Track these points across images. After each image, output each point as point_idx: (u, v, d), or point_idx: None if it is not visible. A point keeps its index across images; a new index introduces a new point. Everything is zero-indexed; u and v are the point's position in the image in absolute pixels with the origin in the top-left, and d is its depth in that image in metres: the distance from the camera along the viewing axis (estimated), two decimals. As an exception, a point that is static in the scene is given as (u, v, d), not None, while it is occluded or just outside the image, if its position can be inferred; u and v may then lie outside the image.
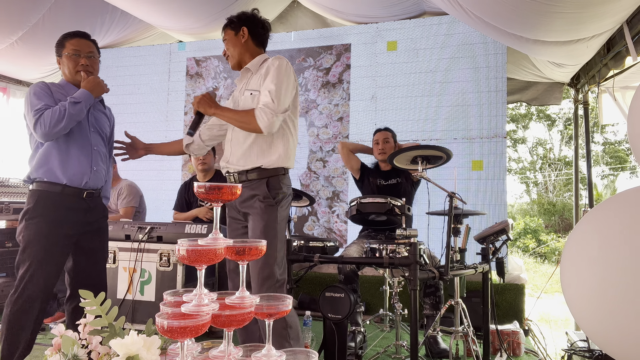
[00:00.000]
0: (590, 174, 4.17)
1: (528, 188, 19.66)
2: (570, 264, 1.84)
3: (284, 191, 2.16)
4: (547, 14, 2.74)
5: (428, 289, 3.01)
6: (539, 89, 4.83)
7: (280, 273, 2.08)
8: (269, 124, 2.03)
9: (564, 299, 1.90)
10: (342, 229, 4.42)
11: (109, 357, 1.35)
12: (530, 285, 6.92)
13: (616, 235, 1.68)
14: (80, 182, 2.26)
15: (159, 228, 3.09)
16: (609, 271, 1.64)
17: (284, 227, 2.18)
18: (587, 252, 1.77)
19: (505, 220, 2.54)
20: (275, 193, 2.12)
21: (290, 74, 2.12)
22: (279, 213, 2.13)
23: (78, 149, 2.28)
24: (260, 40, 2.31)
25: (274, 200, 2.12)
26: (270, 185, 2.13)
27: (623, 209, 1.73)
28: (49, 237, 2.19)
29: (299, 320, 2.13)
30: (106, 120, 2.57)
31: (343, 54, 4.57)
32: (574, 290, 1.79)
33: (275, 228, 2.10)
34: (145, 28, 5.02)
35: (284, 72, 2.09)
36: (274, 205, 2.12)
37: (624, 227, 1.66)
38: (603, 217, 1.80)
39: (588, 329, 1.81)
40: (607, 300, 1.62)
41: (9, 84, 5.25)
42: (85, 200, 2.30)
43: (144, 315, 3.02)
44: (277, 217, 2.12)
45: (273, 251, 2.06)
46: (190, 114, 4.99)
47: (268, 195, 2.11)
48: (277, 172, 2.15)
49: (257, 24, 2.30)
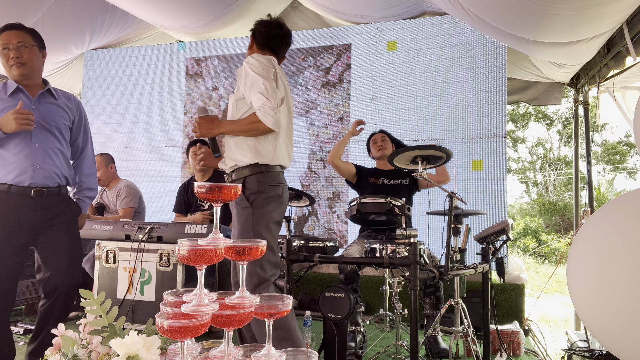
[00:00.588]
0: (590, 173, 4.17)
1: (528, 188, 19.66)
2: (576, 263, 1.84)
3: (261, 190, 2.08)
4: (547, 15, 2.74)
5: (428, 289, 3.01)
6: (539, 89, 4.83)
7: (262, 273, 2.05)
8: (275, 120, 2.02)
9: (570, 298, 1.90)
10: (343, 229, 4.42)
11: (109, 357, 1.35)
12: (530, 285, 6.92)
13: (622, 234, 1.68)
14: (24, 181, 2.19)
15: (159, 228, 3.09)
16: (615, 270, 1.64)
17: (269, 228, 2.11)
18: (593, 252, 1.77)
19: (506, 220, 2.53)
20: (249, 194, 2.08)
21: (265, 66, 2.09)
22: (256, 215, 2.07)
23: (16, 147, 2.20)
24: (264, 42, 2.29)
25: (248, 202, 2.07)
26: (246, 185, 2.10)
27: (629, 209, 1.74)
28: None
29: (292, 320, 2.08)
30: (61, 111, 2.38)
31: (343, 53, 4.56)
32: (580, 289, 1.80)
33: (253, 234, 2.05)
34: (145, 28, 5.02)
35: (260, 68, 2.08)
36: (249, 207, 2.08)
37: (630, 226, 1.66)
38: (609, 217, 1.80)
39: (594, 328, 1.81)
40: (613, 300, 1.62)
41: (9, 83, 5.25)
42: (35, 199, 2.22)
43: (144, 315, 3.02)
44: (254, 221, 2.06)
45: None
46: (190, 114, 4.99)
47: (242, 197, 2.09)
48: (254, 171, 2.10)
49: (259, 28, 2.30)
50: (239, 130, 2.10)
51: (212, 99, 4.94)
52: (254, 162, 2.10)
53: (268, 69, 2.10)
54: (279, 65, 2.29)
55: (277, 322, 1.99)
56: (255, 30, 2.34)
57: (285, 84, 2.24)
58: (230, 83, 4.88)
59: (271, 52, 2.30)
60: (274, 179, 2.14)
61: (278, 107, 2.05)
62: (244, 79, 2.12)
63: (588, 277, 1.74)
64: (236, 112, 2.18)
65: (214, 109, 4.92)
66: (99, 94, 5.30)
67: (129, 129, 5.17)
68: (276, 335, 1.96)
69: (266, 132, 2.07)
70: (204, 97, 4.96)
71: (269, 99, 2.03)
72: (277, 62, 2.30)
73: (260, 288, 2.05)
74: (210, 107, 4.94)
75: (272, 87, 2.06)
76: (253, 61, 2.11)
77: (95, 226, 3.23)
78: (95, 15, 4.59)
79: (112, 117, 5.23)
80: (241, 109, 2.16)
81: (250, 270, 2.04)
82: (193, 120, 4.95)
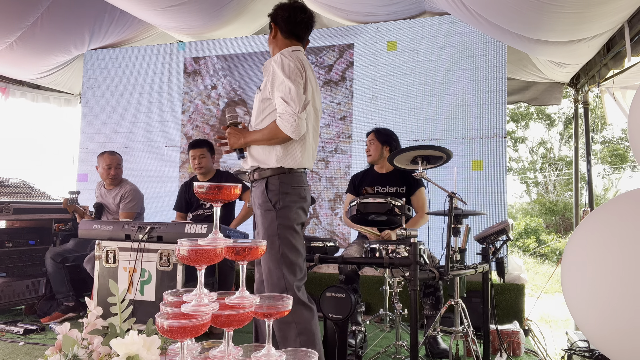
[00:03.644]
0: (590, 173, 4.17)
1: (528, 188, 19.66)
2: (571, 266, 1.84)
3: (285, 191, 2.03)
4: (549, 14, 2.73)
5: (427, 289, 3.01)
6: (539, 89, 4.83)
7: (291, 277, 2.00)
8: (294, 128, 1.96)
9: (564, 300, 1.90)
10: (345, 231, 4.40)
11: (110, 357, 1.35)
12: (530, 285, 6.92)
13: (617, 237, 1.67)
14: None
15: (159, 228, 3.09)
16: (610, 273, 1.63)
17: (295, 231, 2.06)
18: (588, 255, 1.76)
19: (506, 220, 2.53)
20: (272, 195, 2.04)
21: (292, 70, 2.00)
22: (280, 218, 2.02)
23: None
24: (288, 28, 2.15)
25: (271, 204, 2.03)
26: (268, 187, 2.05)
27: (623, 212, 1.73)
28: None
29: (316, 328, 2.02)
30: None
31: (346, 50, 4.54)
32: (575, 292, 1.79)
33: (278, 238, 2.00)
34: (145, 28, 5.02)
35: (288, 70, 1.99)
36: (272, 210, 2.03)
37: (625, 229, 1.65)
38: (604, 220, 1.80)
39: (588, 332, 1.80)
40: (608, 303, 1.62)
41: (8, 84, 5.25)
42: None
43: (144, 315, 3.01)
44: (278, 223, 2.01)
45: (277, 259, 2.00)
46: (188, 113, 4.99)
47: (266, 199, 2.04)
48: (277, 172, 2.05)
49: (281, 12, 2.15)
50: (262, 140, 2.06)
51: (210, 98, 4.93)
52: (278, 166, 2.06)
53: (296, 71, 2.01)
54: (304, 54, 2.18)
55: (301, 328, 1.95)
56: (276, 16, 2.18)
57: (313, 85, 2.14)
58: (230, 81, 4.88)
59: (297, 40, 2.18)
60: (297, 180, 2.09)
61: (299, 113, 1.96)
62: (272, 78, 2.04)
63: (582, 278, 1.74)
64: (261, 112, 2.12)
65: (212, 108, 4.91)
66: (99, 94, 5.30)
67: (129, 129, 5.17)
68: (299, 341, 1.93)
69: (286, 140, 2.02)
70: (202, 96, 4.95)
71: (289, 104, 1.96)
72: (303, 47, 2.20)
73: (289, 292, 1.98)
74: (208, 106, 4.94)
75: (297, 91, 1.97)
76: (281, 61, 2.02)
77: (95, 226, 3.23)
78: (93, 15, 4.59)
79: (112, 117, 5.23)
80: (266, 108, 2.10)
81: (278, 274, 2.00)
82: (191, 119, 4.95)
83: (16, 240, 3.88)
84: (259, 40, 4.82)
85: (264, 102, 2.10)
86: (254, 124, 2.16)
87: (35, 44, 4.50)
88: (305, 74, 2.05)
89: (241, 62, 4.85)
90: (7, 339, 3.07)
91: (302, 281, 2.06)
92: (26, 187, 4.08)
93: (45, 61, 4.91)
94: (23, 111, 5.68)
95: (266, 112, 2.10)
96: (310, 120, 2.11)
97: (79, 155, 5.32)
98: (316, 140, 2.23)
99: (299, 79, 2.00)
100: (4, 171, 6.10)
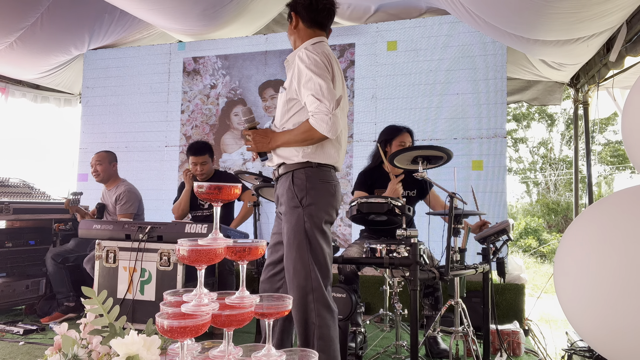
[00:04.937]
0: (590, 173, 4.17)
1: (528, 188, 19.66)
2: (563, 265, 1.83)
3: (312, 187, 1.91)
4: (546, 15, 2.74)
5: (427, 289, 3.01)
6: (539, 89, 4.83)
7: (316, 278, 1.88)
8: (329, 127, 1.83)
9: (558, 300, 1.89)
10: (347, 232, 4.39)
11: (109, 357, 1.35)
12: (531, 285, 6.92)
13: (610, 235, 1.67)
14: None
15: (159, 228, 3.09)
16: (603, 272, 1.63)
17: (323, 230, 1.94)
18: (581, 254, 1.76)
19: (506, 220, 2.53)
20: (298, 190, 1.91)
21: (319, 65, 1.89)
22: (308, 215, 1.90)
23: None
24: (312, 16, 2.02)
25: (297, 199, 1.90)
26: (294, 181, 1.92)
27: (617, 210, 1.73)
28: None
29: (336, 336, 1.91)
30: None
31: (347, 49, 4.54)
32: (568, 292, 1.79)
33: (306, 237, 1.89)
34: (145, 28, 5.02)
35: (314, 66, 1.88)
36: (299, 207, 1.91)
37: (618, 227, 1.65)
38: (596, 219, 1.79)
39: (583, 331, 1.80)
40: (602, 302, 1.61)
41: (8, 83, 5.26)
42: None
43: (144, 315, 3.02)
44: (306, 221, 1.89)
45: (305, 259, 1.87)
46: (188, 112, 4.99)
47: (292, 195, 1.92)
48: (304, 165, 1.93)
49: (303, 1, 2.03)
50: (294, 142, 1.92)
51: (210, 97, 4.93)
52: (308, 159, 1.94)
53: (324, 67, 1.89)
54: (327, 45, 2.06)
55: (320, 332, 1.82)
56: (295, 4, 2.07)
57: (342, 80, 2.03)
58: (229, 81, 4.87)
59: (320, 29, 2.06)
60: (325, 175, 1.97)
61: (334, 110, 1.84)
62: (297, 77, 1.93)
63: (575, 275, 1.73)
64: (286, 112, 2.01)
65: (212, 108, 4.91)
66: (99, 94, 5.30)
67: (129, 129, 5.17)
68: (317, 345, 1.83)
69: (322, 139, 1.90)
70: (202, 95, 4.95)
71: (322, 101, 1.83)
72: (326, 36, 2.09)
73: (315, 294, 1.87)
74: (208, 105, 4.93)
75: (328, 87, 1.86)
76: (307, 57, 1.90)
77: (96, 226, 3.24)
78: (93, 15, 4.59)
79: (112, 117, 5.23)
80: (291, 108, 1.99)
81: (306, 274, 1.88)
82: (190, 119, 4.95)
83: (16, 240, 3.88)
84: (258, 40, 4.81)
85: (290, 103, 1.99)
86: (279, 125, 2.04)
87: (35, 43, 4.50)
88: (332, 68, 1.94)
89: (241, 62, 4.84)
90: (7, 339, 3.07)
91: (328, 283, 1.94)
92: (26, 187, 4.08)
93: (45, 61, 4.91)
94: (23, 111, 5.68)
95: (292, 111, 1.98)
96: (343, 117, 2.00)
97: (79, 155, 5.32)
98: (345, 137, 2.10)
99: (327, 74, 1.89)
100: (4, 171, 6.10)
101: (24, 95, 5.43)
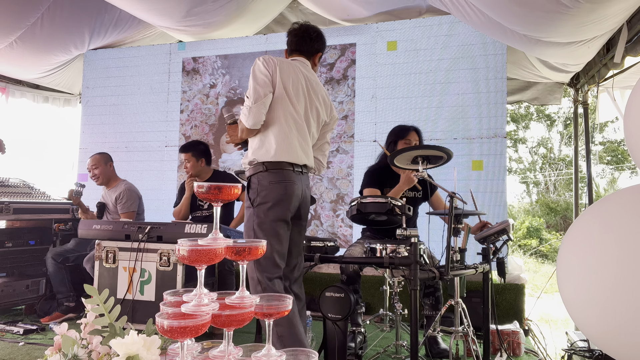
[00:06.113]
0: (590, 173, 4.18)
1: (528, 188, 19.66)
2: (566, 263, 1.83)
3: (260, 190, 2.11)
4: (557, 13, 2.69)
5: (427, 289, 3.01)
6: (539, 89, 4.83)
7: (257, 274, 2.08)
8: (246, 118, 2.12)
9: (561, 298, 1.89)
10: (347, 233, 4.39)
11: (109, 357, 1.35)
12: (531, 285, 6.92)
13: (613, 234, 1.67)
14: None
15: (159, 228, 3.09)
16: (607, 270, 1.63)
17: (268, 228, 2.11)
18: (584, 252, 1.76)
19: (506, 220, 2.53)
20: (251, 193, 2.15)
21: (254, 71, 2.16)
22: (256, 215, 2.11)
23: None
24: (289, 47, 2.42)
25: (250, 201, 2.14)
26: (250, 185, 2.17)
27: (619, 208, 1.73)
28: None
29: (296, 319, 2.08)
30: None
31: (348, 48, 4.53)
32: (571, 289, 1.79)
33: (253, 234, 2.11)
34: (145, 28, 5.02)
35: (251, 72, 2.18)
36: (250, 207, 2.14)
37: (621, 226, 1.65)
38: (599, 217, 1.80)
39: (586, 329, 1.80)
40: (605, 300, 1.62)
41: (9, 83, 5.26)
42: None
43: (144, 315, 3.02)
44: (254, 220, 2.12)
45: None
46: (187, 112, 4.99)
47: (247, 197, 2.17)
48: (256, 170, 2.15)
49: (287, 39, 2.42)
50: (241, 130, 2.21)
51: (209, 97, 4.93)
52: (253, 159, 2.17)
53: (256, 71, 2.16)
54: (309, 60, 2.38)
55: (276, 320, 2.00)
56: (288, 42, 2.46)
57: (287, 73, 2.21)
58: (229, 80, 4.87)
59: (298, 53, 2.39)
60: (276, 177, 2.14)
61: (253, 104, 2.10)
62: None
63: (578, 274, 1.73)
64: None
65: (212, 107, 4.91)
66: (99, 94, 5.30)
67: (129, 129, 5.17)
68: (276, 332, 1.97)
69: (249, 131, 2.17)
70: (201, 95, 4.95)
71: (247, 97, 2.14)
72: (309, 58, 2.39)
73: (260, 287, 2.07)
74: (207, 105, 4.93)
75: (254, 86, 2.13)
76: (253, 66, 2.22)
77: (95, 226, 3.23)
78: (93, 15, 4.59)
79: (112, 117, 5.23)
80: None
81: (251, 267, 2.09)
82: (189, 119, 4.95)
83: (16, 240, 3.88)
84: (258, 40, 4.81)
85: None
86: None
87: (35, 43, 4.50)
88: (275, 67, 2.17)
89: (240, 61, 4.84)
90: (7, 339, 3.07)
91: (275, 274, 2.10)
92: (26, 187, 4.08)
93: (45, 61, 4.91)
94: (23, 111, 5.68)
95: None
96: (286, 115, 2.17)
97: (79, 155, 5.32)
98: (302, 133, 2.23)
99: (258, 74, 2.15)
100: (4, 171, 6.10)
101: (24, 95, 5.43)
